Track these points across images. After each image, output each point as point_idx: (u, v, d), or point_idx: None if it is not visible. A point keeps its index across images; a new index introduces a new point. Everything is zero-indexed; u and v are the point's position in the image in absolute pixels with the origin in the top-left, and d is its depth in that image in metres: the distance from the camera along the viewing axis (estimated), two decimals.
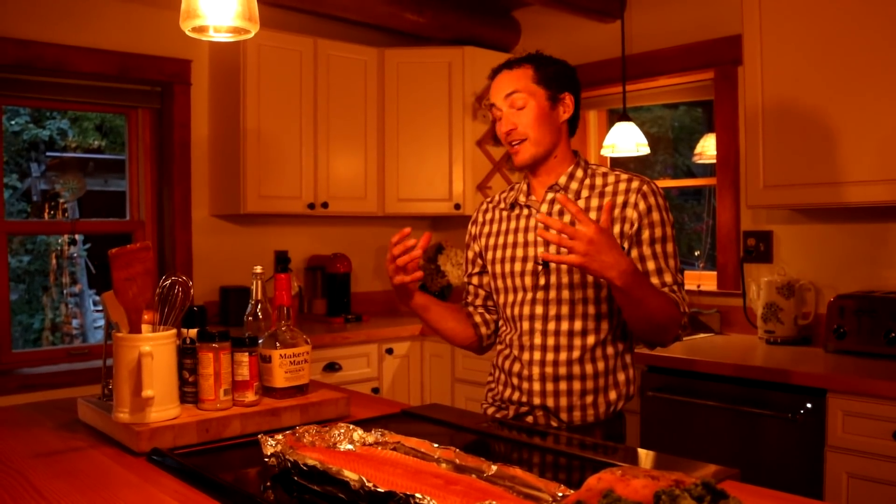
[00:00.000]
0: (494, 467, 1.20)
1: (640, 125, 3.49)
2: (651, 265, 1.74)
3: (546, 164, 1.82)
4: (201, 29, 1.57)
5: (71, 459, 1.43)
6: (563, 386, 1.76)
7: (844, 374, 2.30)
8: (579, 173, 1.82)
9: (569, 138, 1.85)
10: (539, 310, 1.79)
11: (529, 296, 1.80)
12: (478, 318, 1.98)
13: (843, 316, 2.60)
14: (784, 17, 2.66)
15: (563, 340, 1.76)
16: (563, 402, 1.76)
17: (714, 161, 3.35)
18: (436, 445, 1.31)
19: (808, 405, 2.32)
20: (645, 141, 3.40)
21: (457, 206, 3.84)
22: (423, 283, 3.94)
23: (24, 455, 1.45)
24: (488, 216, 1.97)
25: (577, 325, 1.76)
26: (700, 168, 4.06)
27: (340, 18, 3.77)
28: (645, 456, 1.46)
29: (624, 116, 3.40)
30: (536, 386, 1.78)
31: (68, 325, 5.23)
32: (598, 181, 1.80)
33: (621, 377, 1.80)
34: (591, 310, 1.76)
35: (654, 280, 1.73)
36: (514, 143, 1.81)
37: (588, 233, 1.49)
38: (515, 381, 1.82)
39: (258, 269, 1.74)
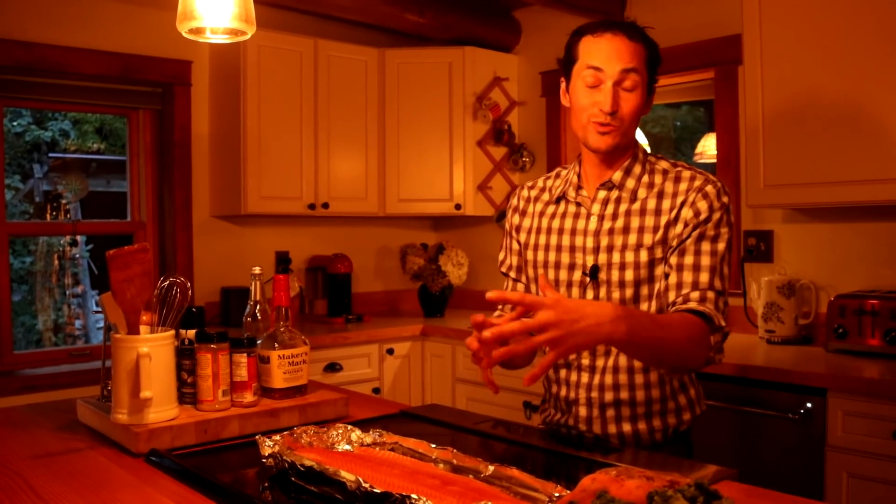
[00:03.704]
0: (492, 468, 1.20)
1: (643, 125, 3.49)
2: (688, 260, 1.49)
3: (614, 155, 1.59)
4: (198, 31, 1.57)
5: (69, 461, 1.43)
6: (610, 412, 1.58)
7: (845, 373, 2.29)
8: (637, 168, 1.60)
9: None
10: None
11: None
12: None
13: (843, 315, 2.59)
14: (784, 17, 2.66)
15: (612, 362, 1.57)
16: (613, 428, 1.58)
17: (715, 160, 3.34)
18: (433, 446, 1.32)
19: (809, 405, 2.32)
20: (645, 140, 3.40)
21: (457, 207, 3.84)
22: (423, 283, 3.94)
23: (23, 456, 1.46)
24: (531, 208, 1.73)
25: None
26: (701, 167, 4.06)
27: (341, 19, 3.77)
28: (644, 456, 1.46)
29: None
30: (583, 411, 1.60)
31: (71, 325, 5.24)
32: (658, 179, 1.58)
33: (682, 400, 1.60)
34: None
35: (686, 277, 1.48)
36: (606, 123, 1.53)
37: (546, 317, 1.20)
38: (563, 404, 1.65)
39: (257, 269, 1.74)
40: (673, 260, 1.52)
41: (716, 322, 1.46)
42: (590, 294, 1.58)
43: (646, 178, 1.59)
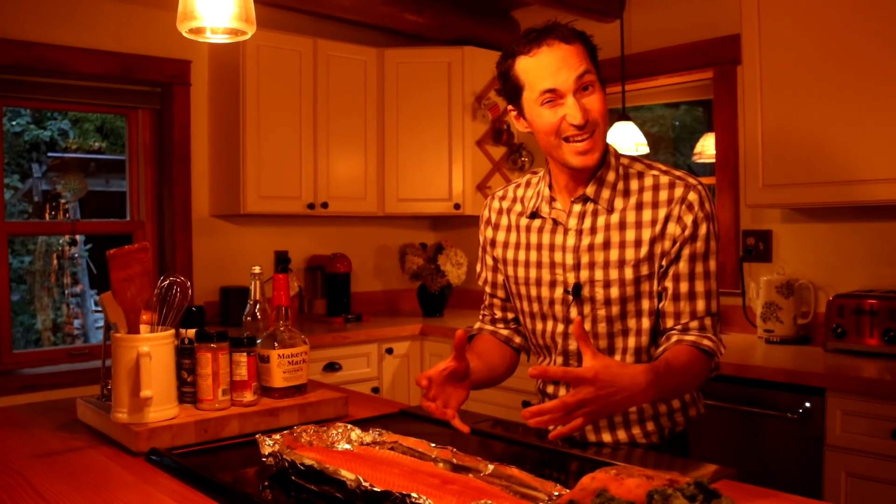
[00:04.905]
0: (491, 466, 1.21)
1: (641, 125, 3.49)
2: (683, 287, 1.48)
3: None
4: (198, 30, 1.57)
5: (70, 460, 1.43)
6: (601, 422, 1.58)
7: (843, 373, 2.30)
8: (610, 176, 1.53)
9: None
10: (572, 345, 1.57)
11: (560, 327, 1.58)
12: (514, 337, 1.74)
13: (842, 315, 2.60)
14: (782, 17, 2.66)
15: None
16: (607, 437, 1.58)
17: (713, 160, 3.35)
18: (433, 445, 1.32)
19: (807, 404, 2.32)
20: (644, 140, 3.40)
21: (457, 206, 3.84)
22: (422, 283, 3.94)
23: (24, 455, 1.46)
24: (504, 221, 1.68)
25: (616, 359, 1.54)
26: (700, 167, 4.06)
27: (340, 19, 3.78)
28: (643, 455, 1.47)
29: (623, 116, 3.40)
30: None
31: (70, 325, 5.24)
32: (634, 185, 1.53)
33: (676, 404, 1.59)
34: (632, 343, 1.54)
35: (683, 307, 1.49)
36: (582, 137, 1.45)
37: (585, 394, 1.23)
38: None
39: (256, 269, 1.74)
40: (668, 285, 1.50)
41: (718, 354, 1.50)
42: (573, 311, 1.55)
43: (621, 185, 1.53)
